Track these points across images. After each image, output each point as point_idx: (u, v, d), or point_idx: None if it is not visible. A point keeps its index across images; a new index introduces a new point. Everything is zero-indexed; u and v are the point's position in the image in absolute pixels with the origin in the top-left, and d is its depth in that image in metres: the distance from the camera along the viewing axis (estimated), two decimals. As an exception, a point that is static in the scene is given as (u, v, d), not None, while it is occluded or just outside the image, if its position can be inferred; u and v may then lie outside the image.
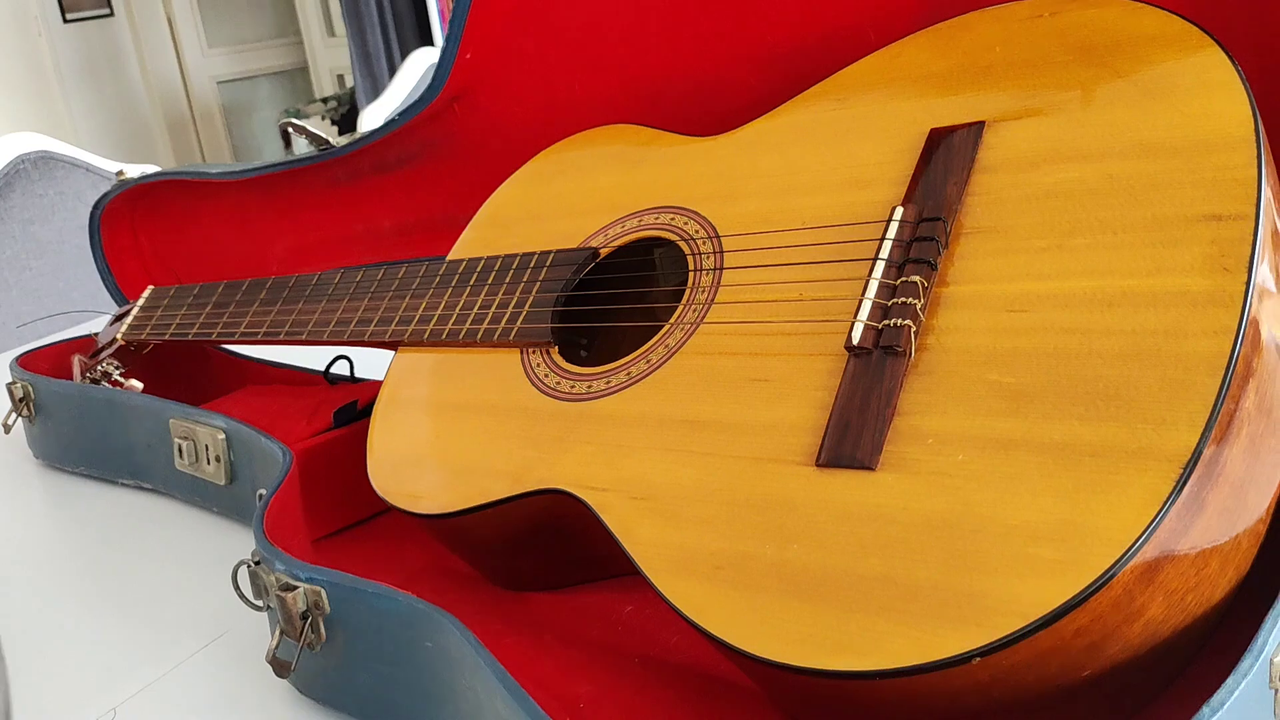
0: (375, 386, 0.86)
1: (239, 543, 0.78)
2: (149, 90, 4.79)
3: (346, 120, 4.28)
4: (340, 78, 4.81)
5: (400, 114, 0.85)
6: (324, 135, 0.88)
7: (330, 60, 4.84)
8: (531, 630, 0.61)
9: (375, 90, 3.97)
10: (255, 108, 5.09)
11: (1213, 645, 0.47)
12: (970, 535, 0.43)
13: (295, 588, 0.56)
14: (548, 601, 0.64)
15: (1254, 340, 0.43)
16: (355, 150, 0.89)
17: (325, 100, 4.70)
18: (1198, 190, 0.46)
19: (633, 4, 0.78)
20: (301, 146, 4.38)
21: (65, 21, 4.48)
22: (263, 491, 0.68)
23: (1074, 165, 0.50)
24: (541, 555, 0.62)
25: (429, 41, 4.02)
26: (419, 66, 2.80)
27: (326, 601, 0.56)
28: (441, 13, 4.08)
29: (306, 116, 4.52)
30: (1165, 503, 0.40)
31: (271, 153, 4.99)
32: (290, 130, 0.88)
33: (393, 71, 3.82)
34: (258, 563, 0.58)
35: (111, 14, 4.66)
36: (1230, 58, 0.50)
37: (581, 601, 0.63)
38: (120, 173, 1.02)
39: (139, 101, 4.77)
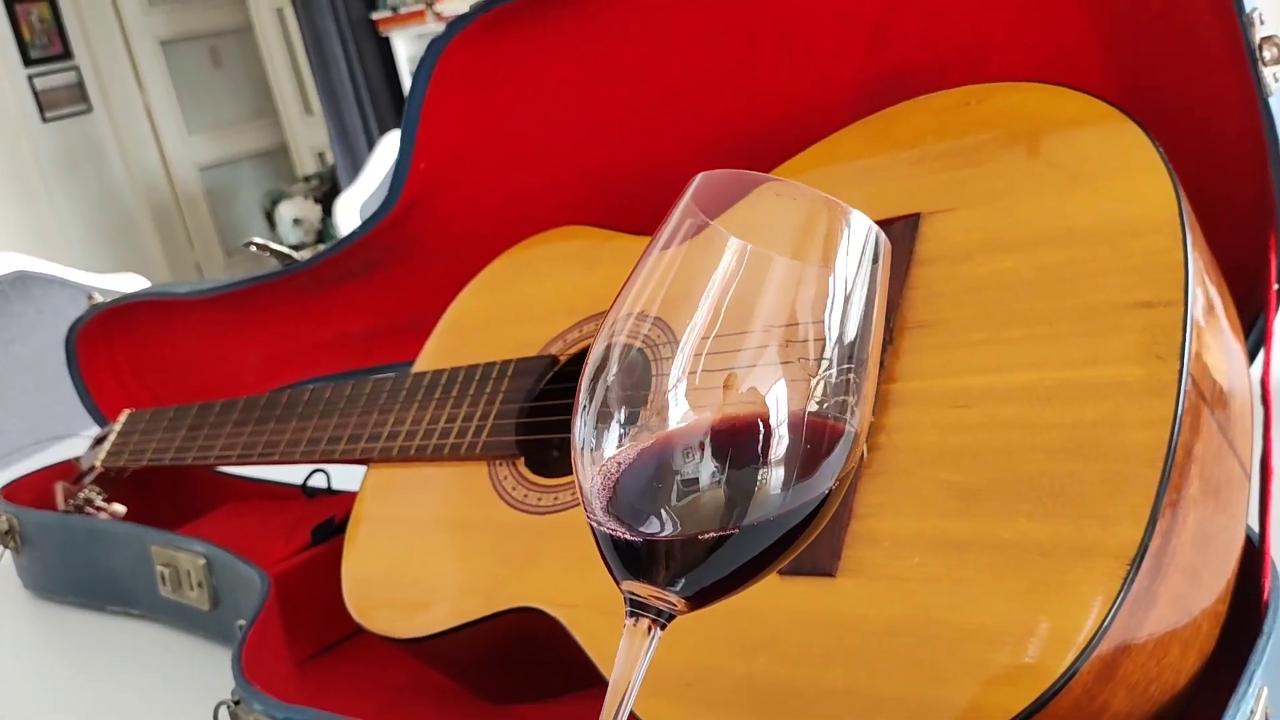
0: (352, 498, 0.86)
1: (226, 668, 0.78)
2: (132, 181, 4.84)
3: (329, 197, 4.31)
4: (321, 155, 4.86)
5: (361, 224, 0.86)
6: (288, 252, 0.89)
7: (310, 138, 4.90)
8: (516, 746, 0.61)
9: (355, 166, 4.00)
10: (239, 190, 5.13)
11: (1183, 729, 0.47)
12: (929, 642, 0.43)
13: (275, 726, 0.56)
14: (532, 714, 0.64)
15: (1193, 426, 0.44)
16: (320, 262, 0.90)
17: (307, 179, 4.75)
18: (1127, 277, 0.47)
19: (581, 103, 0.79)
20: (285, 226, 4.41)
21: (44, 121, 4.53)
22: (242, 622, 0.68)
23: (1007, 255, 0.51)
24: (521, 669, 0.62)
25: (405, 115, 4.06)
26: (395, 146, 2.83)
27: (306, 739, 0.56)
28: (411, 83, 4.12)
29: (290, 196, 4.56)
30: (1115, 600, 0.40)
31: (256, 233, 5.01)
32: (255, 248, 0.89)
33: (371, 147, 3.86)
34: (237, 702, 0.59)
35: (90, 109, 4.72)
36: (1151, 138, 0.51)
37: (566, 711, 0.63)
38: (91, 296, 1.03)
39: (123, 193, 4.82)
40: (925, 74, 0.62)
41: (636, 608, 0.36)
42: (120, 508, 0.92)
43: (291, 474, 0.94)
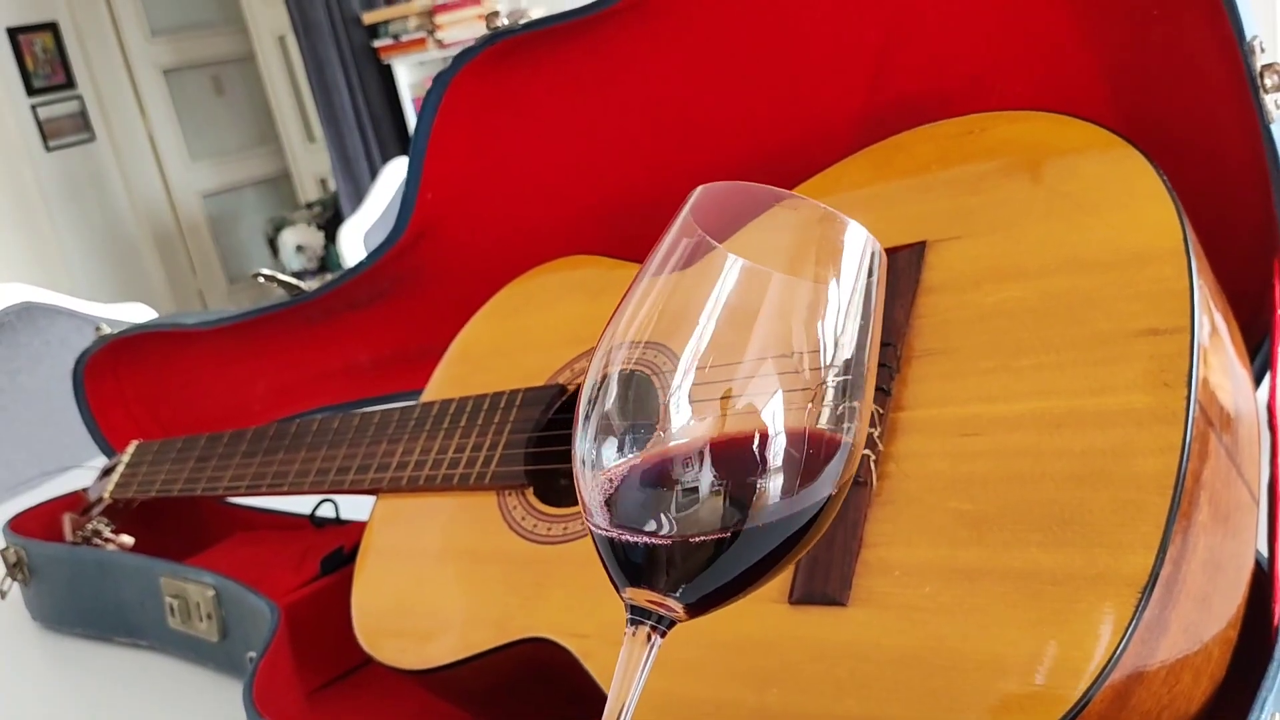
0: (361, 528, 0.86)
1: (236, 699, 0.78)
2: (135, 209, 4.86)
3: (332, 224, 4.32)
4: (323, 182, 4.88)
5: (369, 255, 0.87)
6: (295, 282, 0.89)
7: (312, 165, 4.92)
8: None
9: (358, 193, 4.02)
10: (241, 217, 5.15)
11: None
12: (942, 672, 0.43)
13: (287, 760, 0.56)
14: (543, 743, 0.64)
15: (1201, 453, 0.44)
16: (328, 292, 0.90)
17: (310, 205, 4.76)
18: (1134, 305, 0.47)
19: (587, 134, 0.79)
20: (288, 253, 4.43)
21: (48, 150, 4.55)
22: (252, 654, 0.68)
23: (1013, 284, 0.51)
24: (532, 700, 0.62)
25: (408, 143, 4.08)
26: (398, 173, 2.85)
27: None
28: (418, 114, 4.14)
29: (293, 223, 4.57)
30: (1127, 628, 0.40)
31: (260, 260, 5.03)
32: (262, 279, 0.89)
33: (374, 174, 3.87)
34: (249, 735, 0.59)
35: (93, 138, 4.74)
36: (1155, 166, 0.51)
37: (577, 740, 0.63)
38: (98, 327, 1.04)
39: (126, 221, 4.84)
40: (929, 104, 0.63)
41: (637, 615, 0.36)
42: (128, 539, 0.92)
43: (300, 504, 0.94)
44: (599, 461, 0.35)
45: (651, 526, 0.35)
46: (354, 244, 2.67)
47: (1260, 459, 0.50)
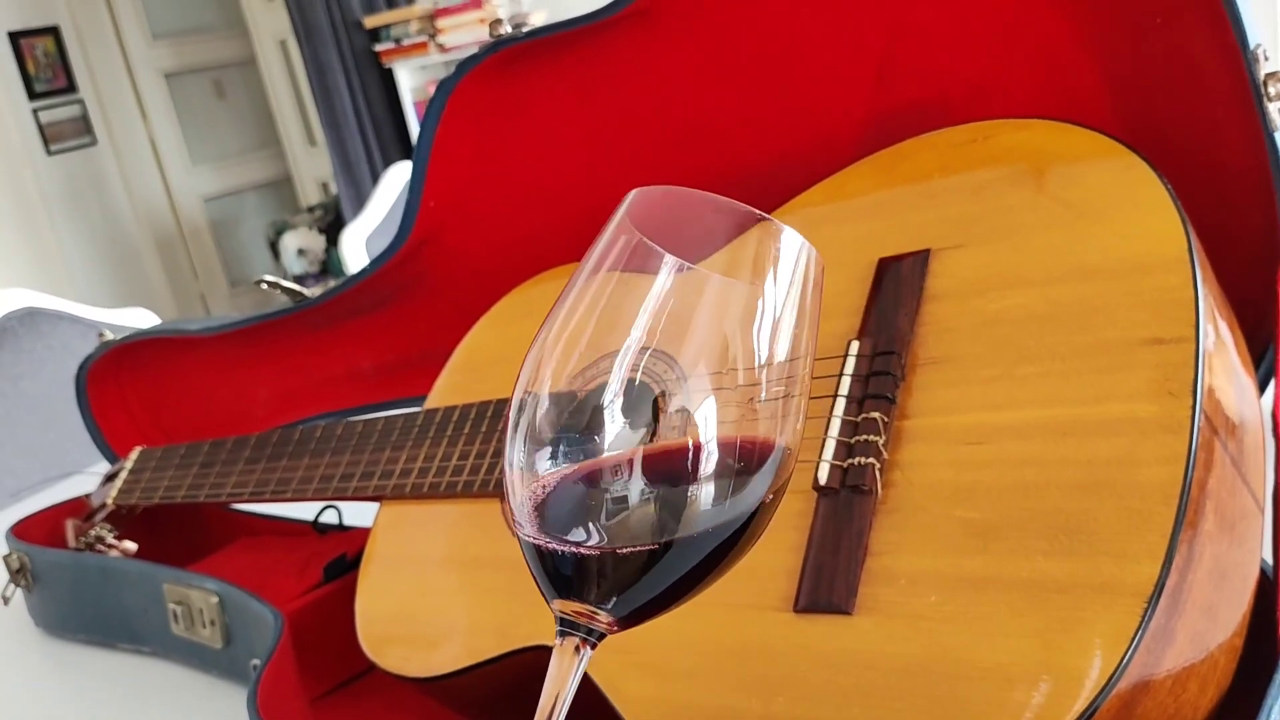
0: (364, 534, 0.86)
1: (239, 706, 0.78)
2: (136, 213, 4.86)
3: (333, 227, 4.33)
4: (324, 185, 4.88)
5: (372, 261, 0.87)
6: (298, 289, 0.89)
7: (313, 169, 4.92)
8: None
9: (359, 197, 4.02)
10: (242, 221, 5.16)
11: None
12: (948, 680, 0.43)
13: (291, 768, 0.56)
14: (547, 751, 0.63)
15: (1206, 462, 0.44)
16: (331, 298, 0.90)
17: (311, 209, 4.77)
18: (1138, 313, 0.47)
19: (589, 140, 0.80)
20: (290, 257, 4.43)
21: (49, 154, 4.56)
22: (256, 661, 0.68)
23: (1017, 291, 0.52)
24: (535, 708, 0.62)
25: (409, 147, 4.08)
26: (399, 178, 2.85)
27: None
28: (420, 119, 4.15)
29: (293, 227, 4.58)
30: (1134, 638, 0.41)
31: (261, 264, 5.04)
32: (265, 285, 0.89)
33: (375, 178, 3.88)
34: (253, 743, 0.59)
35: (95, 142, 4.75)
36: (1158, 174, 0.51)
37: (581, 748, 0.63)
38: (101, 333, 1.04)
39: (127, 225, 4.84)
40: (931, 111, 0.63)
41: (567, 627, 0.36)
42: (131, 545, 0.92)
43: (303, 510, 0.94)
44: (529, 467, 0.35)
45: (580, 536, 0.34)
46: (355, 248, 2.67)
47: (1265, 467, 0.50)
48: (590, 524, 0.34)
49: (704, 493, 0.33)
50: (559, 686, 0.36)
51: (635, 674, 0.52)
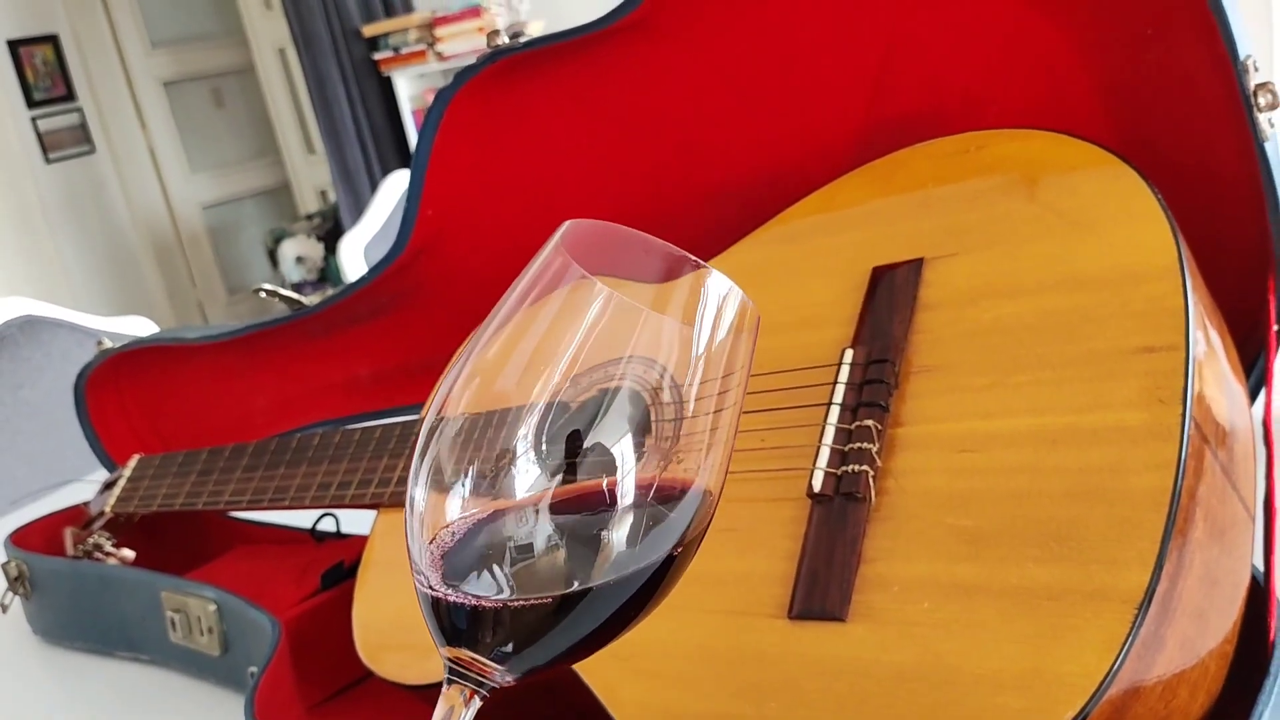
0: (362, 542, 0.86)
1: (236, 713, 0.78)
2: (135, 221, 4.87)
3: (332, 235, 4.33)
4: (323, 193, 4.88)
5: (370, 270, 0.87)
6: (296, 297, 0.90)
7: (312, 177, 4.93)
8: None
9: (358, 204, 4.03)
10: (241, 228, 5.16)
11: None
12: (941, 687, 0.44)
13: (288, 774, 0.56)
14: (544, 758, 0.64)
15: (1196, 470, 0.44)
16: (329, 307, 0.91)
17: (309, 217, 4.77)
18: (1129, 322, 0.48)
19: (587, 151, 0.80)
20: (288, 265, 4.43)
21: (48, 162, 4.56)
22: (254, 669, 0.68)
23: (1010, 300, 0.52)
24: (536, 715, 0.62)
25: (407, 155, 4.09)
26: (398, 186, 2.85)
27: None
28: (418, 127, 4.16)
29: (292, 235, 4.58)
30: (1123, 644, 0.41)
31: (259, 271, 5.04)
32: (264, 294, 0.90)
33: (373, 186, 3.88)
34: (251, 750, 0.59)
35: (93, 150, 4.75)
36: (1150, 184, 0.52)
37: (578, 754, 0.63)
38: (100, 341, 1.04)
39: (126, 233, 4.84)
40: (926, 121, 0.64)
41: (456, 676, 0.33)
42: (129, 553, 0.92)
43: (300, 518, 0.94)
44: (437, 508, 0.32)
45: (480, 587, 0.31)
46: (354, 256, 2.67)
47: (1255, 474, 0.51)
48: (493, 573, 0.31)
49: (614, 539, 0.31)
50: None
51: (630, 679, 0.52)
